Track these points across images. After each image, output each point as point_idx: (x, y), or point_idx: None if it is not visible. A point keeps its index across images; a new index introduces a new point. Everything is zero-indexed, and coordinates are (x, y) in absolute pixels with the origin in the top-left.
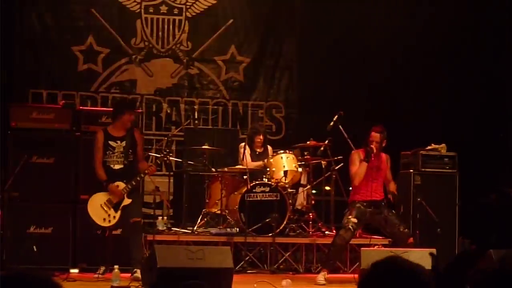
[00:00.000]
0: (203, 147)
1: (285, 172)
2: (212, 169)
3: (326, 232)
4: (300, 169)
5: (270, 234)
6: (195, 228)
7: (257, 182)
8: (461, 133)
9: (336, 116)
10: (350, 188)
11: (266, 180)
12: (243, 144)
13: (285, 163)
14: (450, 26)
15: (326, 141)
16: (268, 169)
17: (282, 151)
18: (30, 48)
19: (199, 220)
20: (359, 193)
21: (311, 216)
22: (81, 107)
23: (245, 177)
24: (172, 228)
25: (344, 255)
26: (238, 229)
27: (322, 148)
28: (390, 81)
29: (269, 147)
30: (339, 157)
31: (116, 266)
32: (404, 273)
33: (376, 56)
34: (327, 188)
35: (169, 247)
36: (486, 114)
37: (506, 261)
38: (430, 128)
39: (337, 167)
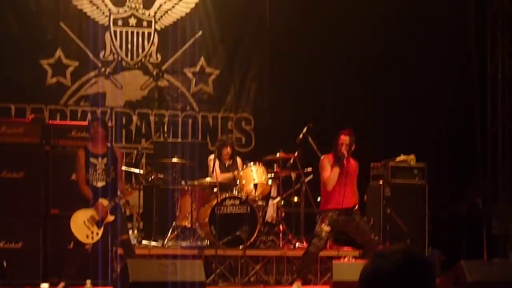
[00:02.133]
0: (173, 160)
1: (255, 185)
2: (182, 182)
3: (297, 244)
4: (270, 182)
5: (240, 247)
6: (165, 241)
7: (227, 195)
8: (430, 141)
9: (305, 128)
10: (319, 199)
11: (236, 193)
12: (212, 156)
13: (255, 176)
14: (417, 35)
15: (296, 153)
16: (238, 182)
17: (252, 163)
18: None
19: (169, 234)
20: (330, 201)
21: (281, 229)
22: (50, 121)
23: (215, 190)
24: (143, 242)
25: (315, 266)
26: (208, 242)
27: (291, 161)
28: (359, 92)
29: (239, 159)
30: (308, 169)
31: (88, 281)
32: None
33: (345, 67)
34: (296, 199)
35: (141, 261)
36: (454, 122)
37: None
38: (399, 138)
39: (307, 179)
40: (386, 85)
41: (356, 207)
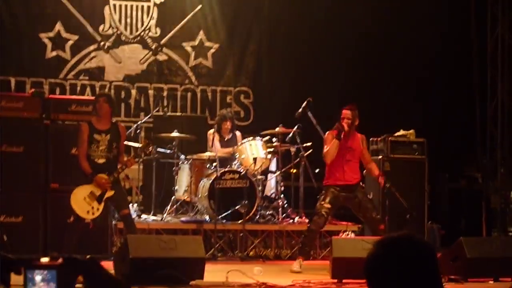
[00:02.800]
0: (172, 134)
1: (255, 159)
2: (182, 156)
3: (296, 218)
4: (269, 156)
5: (239, 221)
6: (164, 215)
7: (226, 169)
8: (430, 117)
9: (305, 103)
10: (317, 171)
11: (236, 167)
12: (212, 131)
13: (254, 150)
14: (418, 11)
15: (295, 128)
16: (237, 156)
17: (251, 138)
18: None
19: (168, 208)
20: (333, 176)
21: (280, 203)
22: (50, 96)
23: (214, 164)
24: (142, 216)
25: (316, 243)
26: (207, 216)
27: (291, 135)
28: (359, 67)
29: (238, 133)
30: (308, 144)
31: (88, 257)
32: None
33: (345, 42)
34: (293, 171)
35: (141, 237)
36: (453, 98)
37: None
38: (399, 114)
39: (306, 154)
40: (386, 61)
41: (361, 184)
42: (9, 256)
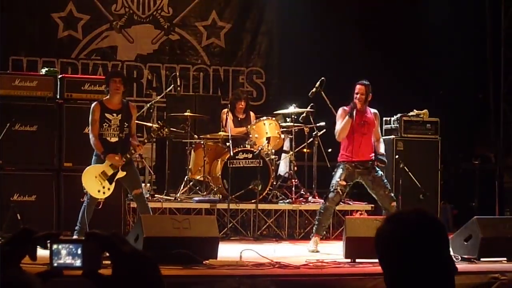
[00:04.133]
0: (186, 113)
1: (268, 139)
2: (195, 135)
3: (309, 198)
4: (282, 136)
5: (253, 201)
6: (178, 195)
7: (239, 148)
8: (443, 97)
9: (318, 82)
10: (329, 150)
11: (249, 146)
12: (225, 110)
13: (267, 129)
14: None
15: (309, 107)
16: (250, 135)
17: (264, 118)
18: (10, 15)
19: (181, 187)
20: (347, 152)
21: (293, 182)
22: (63, 75)
23: (227, 143)
24: (155, 195)
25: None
26: (221, 196)
27: (304, 114)
28: (372, 47)
29: (252, 113)
30: (321, 123)
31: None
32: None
33: (358, 22)
34: (307, 150)
35: (155, 217)
36: (467, 77)
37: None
38: (413, 94)
39: (319, 133)
40: (399, 40)
41: (375, 161)
42: (35, 229)
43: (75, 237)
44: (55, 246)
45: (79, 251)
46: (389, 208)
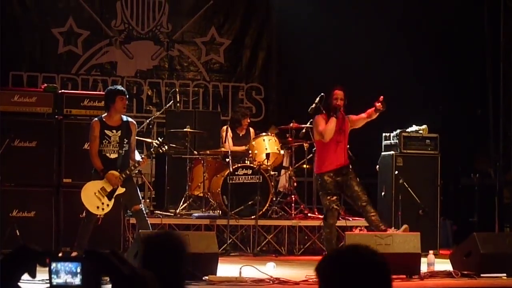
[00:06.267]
0: (185, 129)
1: (268, 155)
2: (194, 152)
3: (309, 214)
4: (282, 152)
5: (252, 217)
6: (177, 211)
7: (239, 164)
8: (443, 112)
9: (318, 98)
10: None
11: (249, 162)
12: (225, 127)
13: (267, 145)
14: (433, 10)
15: (308, 123)
16: (250, 151)
17: (264, 134)
18: (10, 30)
19: (181, 203)
20: (325, 161)
21: (293, 198)
22: (63, 91)
23: (227, 159)
24: (155, 211)
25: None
26: (220, 212)
27: (304, 130)
28: (372, 61)
29: (251, 130)
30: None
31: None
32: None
33: (354, 38)
34: (306, 166)
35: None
36: (466, 92)
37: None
38: (412, 109)
39: None
40: (399, 56)
41: (350, 167)
42: (35, 247)
43: (74, 254)
44: (54, 265)
45: (78, 270)
46: (362, 209)
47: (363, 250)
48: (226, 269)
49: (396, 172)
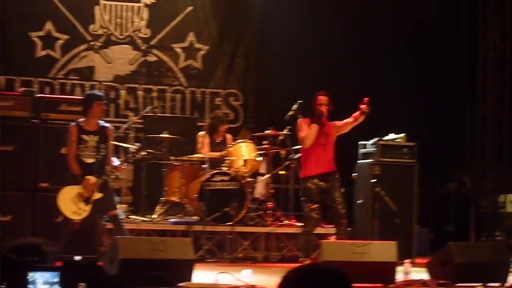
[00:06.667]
0: (163, 135)
1: (245, 161)
2: (171, 157)
3: (285, 222)
4: (259, 158)
5: (229, 223)
6: (154, 216)
7: (216, 170)
8: (419, 121)
9: (296, 105)
10: None
11: (226, 169)
12: (202, 133)
13: (244, 152)
14: (412, 19)
15: (285, 130)
16: (227, 158)
17: (241, 140)
18: None
19: (158, 209)
20: (309, 165)
21: (270, 205)
22: (40, 95)
23: (204, 165)
24: (131, 216)
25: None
26: (197, 217)
27: (281, 137)
28: (350, 69)
29: (228, 136)
30: (298, 146)
31: (78, 258)
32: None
33: (333, 44)
34: (283, 173)
35: (130, 239)
36: (443, 102)
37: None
38: (389, 118)
39: (296, 156)
40: (376, 64)
41: (337, 175)
42: (12, 257)
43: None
44: (31, 274)
45: (56, 280)
46: (339, 224)
47: (322, 268)
48: (202, 275)
49: (373, 180)
